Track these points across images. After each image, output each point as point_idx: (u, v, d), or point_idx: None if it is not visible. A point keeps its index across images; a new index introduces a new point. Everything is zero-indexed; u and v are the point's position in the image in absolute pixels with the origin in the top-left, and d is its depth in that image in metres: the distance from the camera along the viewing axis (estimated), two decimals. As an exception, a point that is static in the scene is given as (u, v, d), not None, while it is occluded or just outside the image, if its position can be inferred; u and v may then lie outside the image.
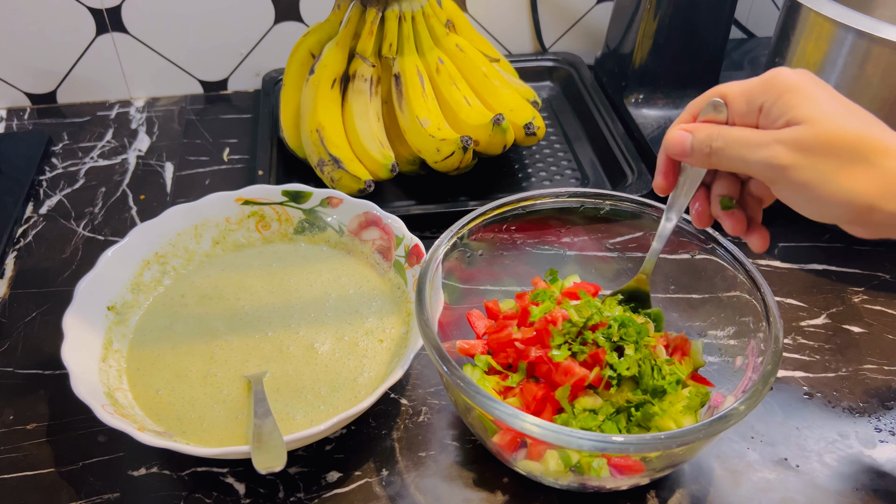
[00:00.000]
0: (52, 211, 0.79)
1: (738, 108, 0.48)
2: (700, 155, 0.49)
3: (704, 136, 0.49)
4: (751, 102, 0.47)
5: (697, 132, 0.49)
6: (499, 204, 0.60)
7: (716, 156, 0.49)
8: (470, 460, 0.57)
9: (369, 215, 0.67)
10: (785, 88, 0.46)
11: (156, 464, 0.56)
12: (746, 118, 0.48)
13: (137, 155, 0.87)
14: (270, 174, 0.79)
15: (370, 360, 0.60)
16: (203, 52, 0.95)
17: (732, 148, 0.47)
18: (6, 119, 0.93)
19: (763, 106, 0.47)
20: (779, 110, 0.46)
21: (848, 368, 0.64)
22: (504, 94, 0.80)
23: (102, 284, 0.61)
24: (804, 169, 0.44)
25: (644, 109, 0.89)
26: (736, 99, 0.48)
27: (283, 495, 0.55)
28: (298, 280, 0.66)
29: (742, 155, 0.47)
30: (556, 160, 0.86)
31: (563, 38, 1.03)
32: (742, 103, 0.48)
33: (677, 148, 0.50)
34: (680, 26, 0.85)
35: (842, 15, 0.67)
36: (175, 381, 0.58)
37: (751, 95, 0.47)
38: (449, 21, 0.81)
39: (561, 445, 0.46)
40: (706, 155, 0.49)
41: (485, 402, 0.47)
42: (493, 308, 0.61)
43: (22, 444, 0.58)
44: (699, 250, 0.60)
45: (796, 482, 0.56)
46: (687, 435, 0.45)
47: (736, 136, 0.47)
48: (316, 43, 0.80)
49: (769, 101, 0.46)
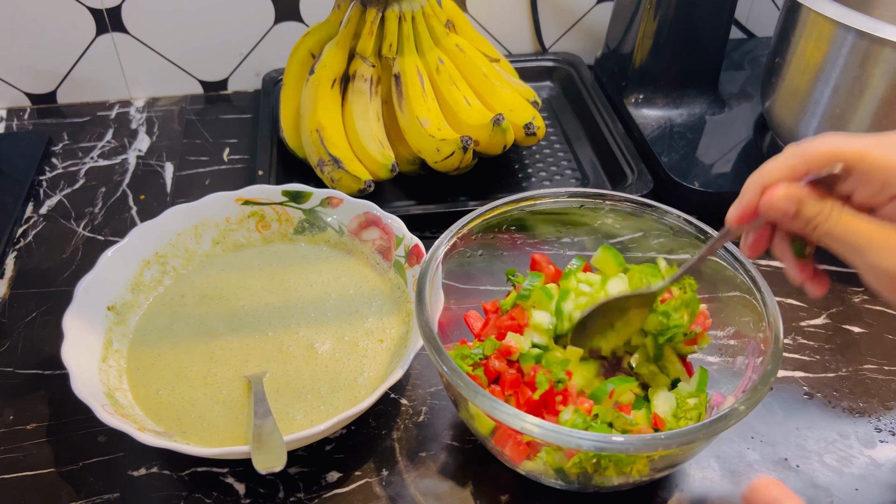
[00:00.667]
0: (52, 211, 0.79)
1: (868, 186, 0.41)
2: (801, 225, 0.43)
3: (812, 215, 0.42)
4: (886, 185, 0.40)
5: (805, 208, 0.42)
6: (499, 204, 0.60)
7: (819, 234, 0.43)
8: (470, 460, 0.57)
9: (369, 215, 0.67)
10: None
11: (156, 464, 0.56)
12: (872, 199, 0.41)
13: (137, 155, 0.87)
14: (270, 174, 0.79)
15: (370, 360, 0.60)
16: (203, 52, 0.95)
17: (844, 237, 0.42)
18: (6, 119, 0.93)
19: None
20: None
21: (848, 368, 0.64)
22: (504, 94, 0.80)
23: (102, 284, 0.61)
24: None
25: (644, 109, 0.89)
26: (869, 173, 0.41)
27: (283, 495, 0.55)
28: (298, 280, 0.66)
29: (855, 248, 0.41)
30: (556, 160, 0.86)
31: (563, 38, 1.03)
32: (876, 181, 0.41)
33: (778, 214, 0.43)
34: (680, 26, 0.85)
35: (842, 15, 0.67)
36: (175, 381, 0.58)
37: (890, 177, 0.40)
38: (449, 21, 0.81)
39: (560, 445, 0.46)
40: (809, 229, 0.43)
41: (485, 401, 0.47)
42: (490, 309, 0.61)
43: (22, 444, 0.58)
44: (698, 250, 0.59)
45: (796, 482, 0.56)
46: (687, 435, 0.45)
47: (852, 226, 0.42)
48: (316, 43, 0.80)
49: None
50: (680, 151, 0.83)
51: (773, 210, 0.43)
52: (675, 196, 0.78)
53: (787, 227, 0.44)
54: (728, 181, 0.79)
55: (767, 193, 0.43)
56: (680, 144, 0.84)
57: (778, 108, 0.79)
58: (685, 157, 0.82)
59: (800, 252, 0.46)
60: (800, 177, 0.43)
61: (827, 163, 0.42)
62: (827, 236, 0.42)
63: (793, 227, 0.44)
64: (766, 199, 0.43)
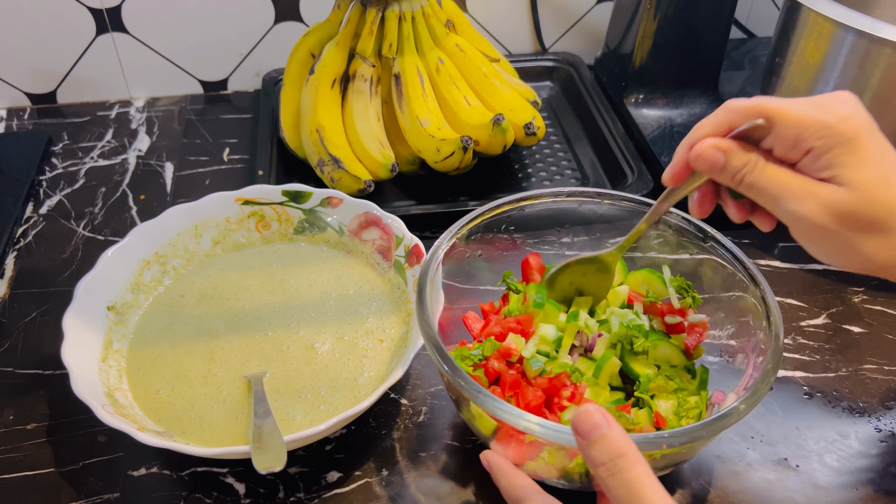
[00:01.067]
0: (52, 211, 0.79)
1: (784, 140, 0.44)
2: (728, 179, 0.46)
3: (739, 164, 0.45)
4: (800, 140, 0.44)
5: (733, 157, 0.45)
6: (498, 204, 0.60)
7: (745, 186, 0.46)
8: (470, 460, 0.57)
9: (369, 215, 0.67)
10: (842, 139, 0.43)
11: (156, 464, 0.56)
12: (788, 153, 0.44)
13: (137, 155, 0.87)
14: (270, 174, 0.79)
15: (370, 360, 0.60)
16: (203, 52, 0.95)
17: (766, 187, 0.45)
18: (6, 119, 0.93)
19: (812, 150, 0.43)
20: (826, 161, 0.43)
21: (848, 368, 0.64)
22: (504, 94, 0.80)
23: (102, 284, 0.61)
24: (831, 233, 0.44)
25: (644, 109, 0.89)
26: (785, 129, 0.44)
27: (283, 495, 0.55)
28: (298, 280, 0.66)
29: (774, 197, 0.45)
30: (556, 160, 0.86)
31: (563, 38, 1.03)
32: (790, 136, 0.44)
33: (706, 165, 0.46)
34: (680, 26, 0.86)
35: (842, 15, 0.67)
36: (175, 381, 0.58)
37: (803, 132, 0.43)
38: (449, 21, 0.81)
39: (563, 445, 0.46)
40: (735, 181, 0.46)
41: (487, 401, 0.47)
42: (488, 310, 0.61)
43: (22, 444, 0.58)
44: (698, 250, 0.60)
45: (796, 482, 0.56)
46: (688, 434, 0.45)
47: (773, 176, 0.45)
48: (316, 43, 0.80)
49: (820, 148, 0.43)
50: (680, 151, 0.83)
51: (701, 160, 0.46)
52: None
53: (717, 180, 0.47)
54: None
55: (699, 144, 0.46)
56: (680, 144, 0.84)
57: (778, 108, 0.79)
58: (685, 157, 0.82)
59: (736, 193, 0.49)
60: (726, 131, 0.46)
61: (751, 117, 0.45)
62: (751, 188, 0.45)
63: (723, 181, 0.47)
64: (695, 150, 0.46)
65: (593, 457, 0.40)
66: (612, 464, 0.39)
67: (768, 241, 0.76)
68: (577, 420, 0.41)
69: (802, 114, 0.43)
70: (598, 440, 0.40)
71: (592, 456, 0.40)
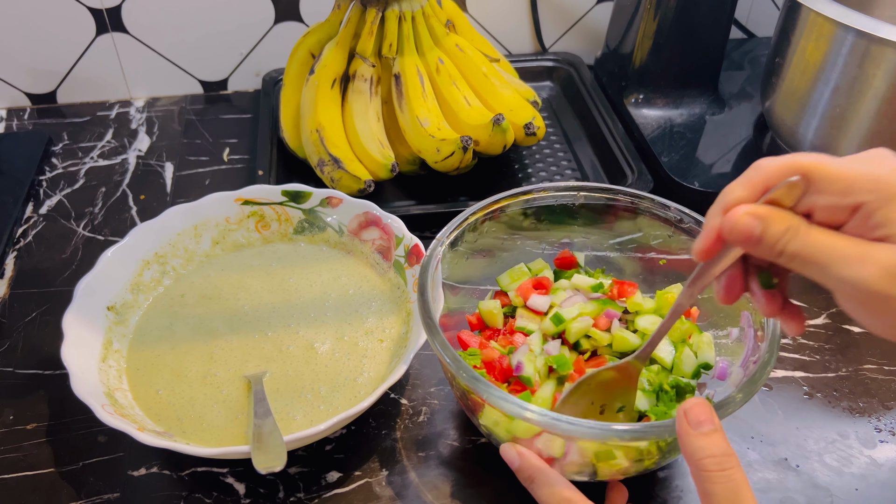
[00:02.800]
0: (52, 211, 0.79)
1: (827, 198, 0.38)
2: (767, 250, 0.40)
3: (778, 233, 0.39)
4: (847, 195, 0.38)
5: (773, 225, 0.39)
6: (498, 199, 0.61)
7: (786, 256, 0.39)
8: (470, 460, 0.57)
9: (369, 215, 0.67)
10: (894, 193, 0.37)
11: (156, 464, 0.56)
12: (833, 214, 0.39)
13: (137, 155, 0.87)
14: (270, 174, 0.79)
15: (370, 360, 0.60)
16: (203, 52, 0.95)
17: (812, 254, 0.39)
18: (6, 119, 0.93)
19: (862, 207, 0.38)
20: (881, 218, 0.37)
21: (848, 368, 0.64)
22: (504, 94, 0.80)
23: (102, 284, 0.61)
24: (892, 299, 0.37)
25: (644, 109, 0.89)
26: (828, 185, 0.38)
27: (283, 495, 0.55)
28: (298, 280, 0.66)
29: (823, 264, 0.38)
30: (556, 160, 0.86)
31: (563, 38, 1.03)
32: (835, 193, 0.38)
33: (742, 237, 0.40)
34: (680, 26, 0.85)
35: (842, 15, 0.67)
36: (175, 381, 0.58)
37: (850, 187, 0.38)
38: (449, 21, 0.81)
39: (563, 434, 0.46)
40: (776, 252, 0.39)
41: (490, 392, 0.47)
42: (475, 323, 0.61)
43: (22, 444, 0.58)
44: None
45: (796, 482, 0.56)
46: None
47: (819, 241, 0.39)
48: (316, 43, 0.80)
49: (873, 203, 0.37)
50: (680, 151, 0.83)
51: (737, 231, 0.40)
52: (675, 196, 0.77)
53: (753, 253, 0.41)
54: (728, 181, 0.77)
55: (729, 214, 0.40)
56: (680, 144, 0.84)
57: (778, 108, 0.79)
58: (685, 157, 0.82)
59: (767, 283, 0.43)
60: (759, 193, 0.40)
61: (785, 175, 0.39)
62: (795, 258, 0.39)
63: (760, 254, 0.40)
64: (728, 220, 0.40)
65: (701, 447, 0.41)
66: (724, 459, 0.40)
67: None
68: (690, 409, 0.42)
69: (846, 168, 0.38)
70: (710, 433, 0.41)
71: (700, 446, 0.41)
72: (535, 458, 0.49)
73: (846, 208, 0.38)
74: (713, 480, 0.40)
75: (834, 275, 0.38)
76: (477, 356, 0.56)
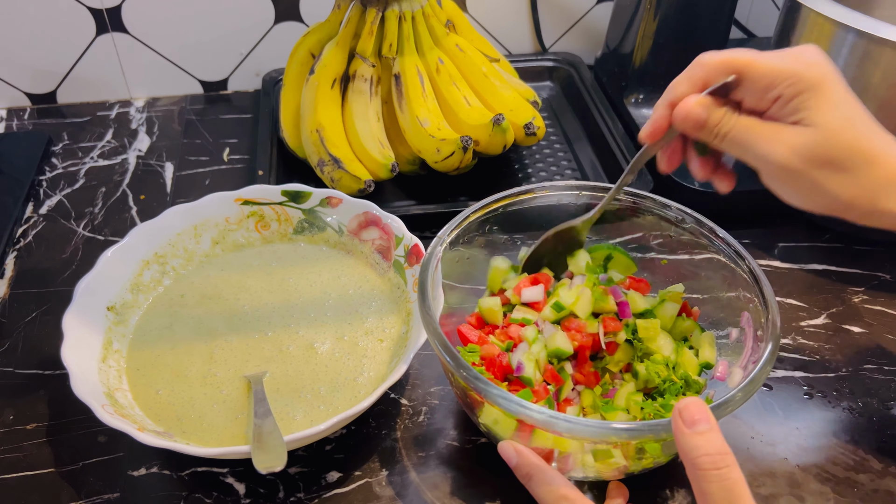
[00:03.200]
0: (52, 211, 0.79)
1: (754, 91, 0.47)
2: (707, 134, 0.49)
3: (716, 119, 0.48)
4: (769, 88, 0.46)
5: (712, 113, 0.48)
6: (498, 198, 0.61)
7: (720, 139, 0.48)
8: (470, 460, 0.57)
9: (369, 215, 0.67)
10: (808, 85, 0.45)
11: (156, 464, 0.56)
12: (758, 103, 0.47)
13: (137, 155, 0.87)
14: (270, 174, 0.79)
15: (370, 360, 0.60)
16: (203, 52, 0.95)
17: (738, 136, 0.47)
18: (6, 119, 0.93)
19: (780, 97, 0.46)
20: (794, 106, 0.46)
21: (848, 368, 0.64)
22: (504, 94, 0.80)
23: (102, 284, 0.61)
24: (800, 173, 0.46)
25: (644, 109, 0.89)
26: (756, 80, 0.47)
27: (283, 495, 0.55)
28: (298, 280, 0.66)
29: (745, 144, 0.47)
30: (556, 160, 0.86)
31: (563, 38, 1.03)
32: (760, 87, 0.47)
33: (690, 123, 0.49)
34: (680, 26, 0.85)
35: (842, 15, 0.67)
36: (175, 381, 0.58)
37: (773, 81, 0.46)
38: (449, 21, 0.81)
39: (563, 433, 0.46)
40: (712, 136, 0.48)
41: (489, 391, 0.47)
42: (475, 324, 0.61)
43: (22, 444, 0.58)
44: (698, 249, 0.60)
45: (796, 482, 0.56)
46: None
47: (745, 125, 0.47)
48: (316, 43, 0.80)
49: (788, 94, 0.46)
50: (680, 151, 0.83)
51: (689, 119, 0.48)
52: (675, 196, 0.76)
53: (696, 137, 0.49)
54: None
55: (681, 104, 0.48)
56: (680, 144, 0.84)
57: (778, 108, 0.79)
58: (685, 157, 0.82)
59: (703, 150, 0.52)
60: (701, 88, 0.48)
61: (723, 72, 0.47)
62: (726, 139, 0.48)
63: (702, 137, 0.49)
64: (681, 110, 0.48)
65: (697, 446, 0.41)
66: (719, 458, 0.41)
67: (768, 241, 0.76)
68: (685, 408, 0.42)
69: (772, 64, 0.46)
70: (705, 432, 0.41)
71: (696, 445, 0.41)
72: (533, 455, 0.49)
73: (769, 100, 0.47)
74: (709, 479, 0.40)
75: (753, 152, 0.47)
76: (476, 353, 0.56)
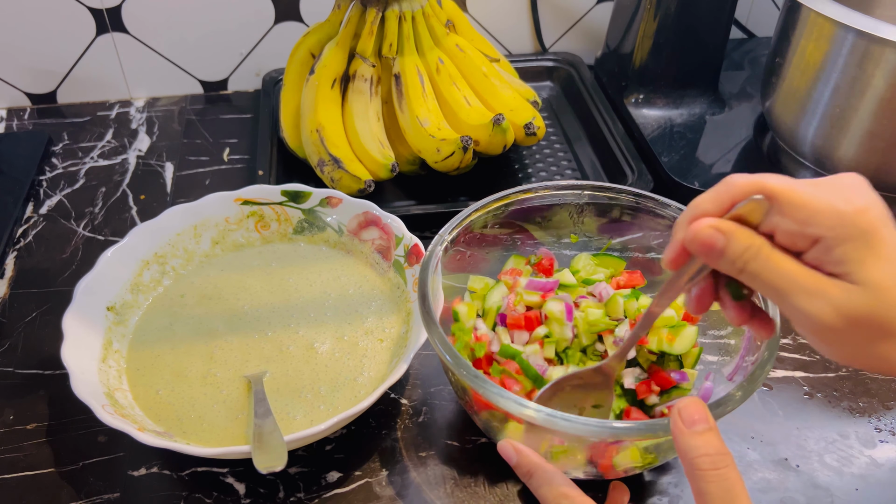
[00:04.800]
0: (52, 211, 0.79)
1: (789, 223, 0.39)
2: (728, 265, 0.40)
3: (741, 250, 0.40)
4: (809, 226, 0.38)
5: (735, 241, 0.40)
6: (498, 198, 0.61)
7: (747, 275, 0.40)
8: (470, 460, 0.57)
9: (369, 215, 0.67)
10: (857, 232, 0.38)
11: (156, 464, 0.56)
12: (794, 240, 0.39)
13: (137, 155, 0.87)
14: (270, 174, 0.79)
15: (370, 360, 0.60)
16: (203, 52, 0.95)
17: (771, 279, 0.39)
18: (6, 119, 0.93)
19: (822, 240, 0.38)
20: (839, 257, 0.38)
21: (848, 368, 0.64)
22: (504, 94, 0.80)
23: (102, 284, 0.61)
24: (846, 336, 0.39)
25: (644, 109, 0.89)
26: (791, 211, 0.39)
27: (283, 495, 0.55)
28: (298, 280, 0.66)
29: (781, 291, 0.39)
30: (556, 160, 0.86)
31: (563, 38, 1.03)
32: (797, 220, 0.38)
33: (704, 249, 0.41)
34: (680, 26, 0.85)
35: (842, 15, 0.67)
36: (175, 381, 0.58)
37: (812, 217, 0.38)
38: (449, 21, 0.81)
39: (560, 431, 0.46)
40: (736, 269, 0.40)
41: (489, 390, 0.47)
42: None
43: (22, 444, 0.58)
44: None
45: (796, 482, 0.56)
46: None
47: (779, 266, 0.39)
48: (316, 43, 0.80)
49: (833, 240, 0.38)
50: (680, 151, 0.83)
51: (699, 241, 0.40)
52: (675, 196, 0.77)
53: (716, 267, 0.41)
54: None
55: (693, 225, 0.41)
56: (680, 144, 0.84)
57: (778, 108, 0.79)
58: (685, 157, 0.82)
59: (737, 294, 0.44)
60: (726, 209, 0.41)
61: (752, 194, 0.40)
62: (755, 278, 0.40)
63: (722, 268, 0.41)
64: (691, 231, 0.41)
65: (695, 446, 0.41)
66: (718, 458, 0.40)
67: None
68: (684, 408, 0.42)
69: (811, 195, 0.38)
70: (704, 432, 0.41)
71: (694, 445, 0.41)
72: (533, 454, 0.49)
73: (807, 237, 0.39)
74: (707, 479, 0.40)
75: (790, 304, 0.39)
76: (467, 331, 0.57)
